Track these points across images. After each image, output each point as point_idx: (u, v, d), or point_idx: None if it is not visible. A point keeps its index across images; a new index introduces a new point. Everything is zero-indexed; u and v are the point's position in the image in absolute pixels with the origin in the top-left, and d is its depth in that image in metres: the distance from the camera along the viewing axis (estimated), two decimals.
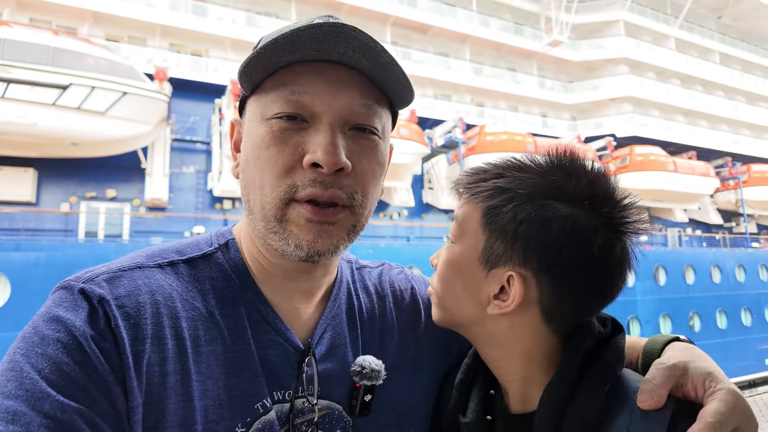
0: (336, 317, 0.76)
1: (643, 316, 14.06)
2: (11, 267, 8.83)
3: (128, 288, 0.61)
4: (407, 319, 0.84)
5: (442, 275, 0.74)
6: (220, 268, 0.70)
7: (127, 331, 0.57)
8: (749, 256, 17.50)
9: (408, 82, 0.66)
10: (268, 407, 0.65)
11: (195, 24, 15.43)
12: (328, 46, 0.60)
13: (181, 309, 0.63)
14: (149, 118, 12.46)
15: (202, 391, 0.61)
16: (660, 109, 23.50)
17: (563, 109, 22.54)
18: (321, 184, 0.61)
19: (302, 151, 0.62)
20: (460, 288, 0.72)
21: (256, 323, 0.68)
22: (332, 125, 0.62)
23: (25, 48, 10.86)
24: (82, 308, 0.56)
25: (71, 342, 0.54)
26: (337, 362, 0.73)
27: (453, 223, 0.74)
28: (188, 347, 0.62)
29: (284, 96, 0.62)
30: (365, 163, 0.66)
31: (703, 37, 25.79)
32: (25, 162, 12.24)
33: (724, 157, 24.07)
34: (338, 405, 0.71)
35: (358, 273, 0.86)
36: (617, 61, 22.62)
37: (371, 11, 17.80)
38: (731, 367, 13.85)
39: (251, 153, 0.65)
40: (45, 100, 10.87)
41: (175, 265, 0.67)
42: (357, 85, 0.64)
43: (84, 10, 14.18)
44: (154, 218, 13.35)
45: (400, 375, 0.78)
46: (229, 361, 0.64)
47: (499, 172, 0.70)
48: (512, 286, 0.66)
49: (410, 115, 16.15)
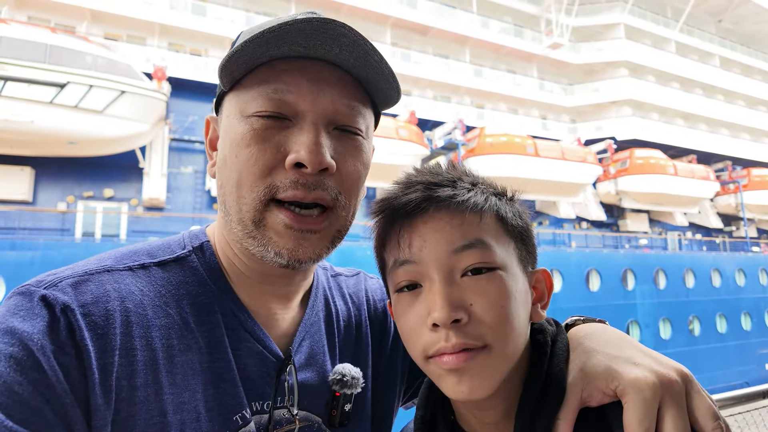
0: (314, 325, 0.74)
1: (642, 319, 14.04)
2: (7, 266, 8.76)
3: (96, 294, 0.55)
4: (379, 329, 0.82)
5: (509, 314, 0.57)
6: (194, 273, 0.66)
7: (93, 343, 0.52)
8: (749, 260, 17.50)
9: (396, 82, 0.64)
10: (248, 419, 0.62)
11: (194, 23, 15.41)
12: (314, 42, 0.58)
13: (153, 317, 0.59)
14: (147, 117, 12.41)
15: (178, 404, 0.57)
16: (660, 112, 23.53)
17: (563, 111, 22.54)
18: (304, 186, 0.59)
19: (285, 151, 0.59)
20: (523, 314, 0.60)
21: (234, 330, 0.64)
22: (316, 124, 0.60)
23: (23, 45, 10.81)
24: (40, 317, 0.50)
25: (26, 357, 0.48)
26: (316, 371, 0.70)
27: (476, 248, 0.59)
28: (160, 358, 0.57)
29: (266, 93, 0.60)
30: (350, 164, 0.64)
31: (703, 41, 25.87)
32: (21, 160, 12.17)
33: (724, 161, 24.14)
34: (317, 417, 0.68)
35: (334, 280, 0.84)
36: (617, 64, 22.66)
37: (371, 12, 17.79)
38: (731, 371, 13.82)
39: (229, 151, 0.62)
40: (42, 98, 10.82)
41: (146, 268, 0.62)
42: (341, 84, 0.62)
43: (83, 9, 14.16)
44: (151, 218, 13.29)
45: (376, 384, 0.77)
46: (205, 371, 0.60)
47: (471, 179, 0.65)
48: (540, 281, 0.66)
49: (410, 116, 16.14)
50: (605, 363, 0.58)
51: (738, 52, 27.25)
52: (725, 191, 22.96)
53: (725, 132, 25.66)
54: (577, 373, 0.59)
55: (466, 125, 17.07)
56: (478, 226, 0.60)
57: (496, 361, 0.57)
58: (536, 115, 21.90)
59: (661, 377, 0.54)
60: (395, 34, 19.20)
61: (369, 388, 0.76)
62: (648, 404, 0.52)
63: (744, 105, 26.58)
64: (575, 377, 0.58)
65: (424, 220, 0.60)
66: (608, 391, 0.55)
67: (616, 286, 14.12)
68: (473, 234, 0.59)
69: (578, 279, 13.51)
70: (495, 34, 20.61)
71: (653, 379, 0.53)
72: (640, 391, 0.53)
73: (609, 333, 0.64)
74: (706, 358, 14.47)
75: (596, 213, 19.58)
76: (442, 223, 0.60)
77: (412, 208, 0.61)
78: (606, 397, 0.56)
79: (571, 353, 0.62)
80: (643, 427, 0.51)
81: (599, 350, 0.60)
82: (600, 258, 14.46)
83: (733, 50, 27.06)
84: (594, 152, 19.25)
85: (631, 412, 0.52)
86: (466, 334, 0.56)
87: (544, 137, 19.60)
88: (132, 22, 14.84)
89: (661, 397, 0.53)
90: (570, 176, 17.70)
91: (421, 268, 0.59)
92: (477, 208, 0.60)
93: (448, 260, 0.58)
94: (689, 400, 0.54)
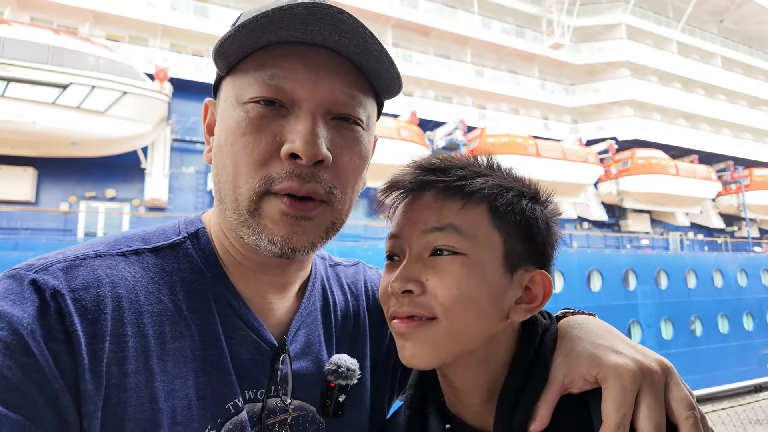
0: (311, 314, 0.73)
1: (644, 320, 14.01)
2: (9, 266, 8.73)
3: (87, 279, 0.54)
4: (378, 320, 0.81)
5: (462, 295, 0.59)
6: (189, 259, 0.65)
7: (83, 329, 0.51)
8: (751, 260, 17.45)
9: (396, 72, 0.62)
10: (240, 407, 0.61)
11: (196, 24, 15.44)
12: (312, 28, 0.56)
13: (145, 303, 0.58)
14: (149, 117, 12.44)
15: (169, 392, 0.56)
16: (662, 112, 23.48)
17: (564, 111, 22.51)
18: (298, 177, 0.57)
19: (280, 140, 0.58)
20: (486, 303, 0.61)
21: (227, 318, 0.64)
22: (313, 113, 0.58)
23: (25, 47, 10.84)
24: (30, 301, 0.50)
25: (15, 342, 0.47)
26: (311, 361, 0.70)
27: (446, 232, 0.61)
28: (151, 345, 0.56)
29: (262, 80, 0.58)
30: (346, 156, 0.62)
31: (705, 41, 25.80)
32: (24, 161, 12.21)
33: (725, 161, 24.07)
34: (311, 406, 0.68)
35: (332, 270, 0.83)
36: (619, 64, 22.62)
37: (372, 12, 17.78)
38: (732, 372, 13.77)
39: (225, 139, 0.60)
40: (45, 99, 10.85)
41: (140, 254, 0.62)
42: (341, 71, 0.60)
43: (85, 10, 14.19)
44: (153, 218, 13.29)
45: (373, 375, 0.77)
46: (198, 359, 0.59)
47: (480, 170, 0.66)
48: (536, 283, 0.65)
49: (411, 116, 16.14)
50: (589, 350, 0.59)
51: (740, 52, 27.17)
52: (727, 191, 22.90)
53: (727, 132, 25.59)
54: (561, 360, 0.60)
55: (467, 125, 17.07)
56: (457, 213, 0.62)
57: (441, 336, 0.60)
58: (537, 115, 21.88)
59: (641, 366, 0.55)
60: (396, 34, 19.20)
61: (367, 378, 0.75)
62: (626, 392, 0.53)
63: (746, 105, 26.50)
64: (559, 363, 0.60)
65: (411, 200, 0.66)
66: (589, 378, 0.57)
67: (618, 287, 14.10)
68: (447, 219, 0.62)
69: (579, 279, 13.49)
70: (496, 34, 20.60)
71: (633, 368, 0.54)
72: (620, 378, 0.54)
73: (596, 324, 0.65)
74: (708, 358, 14.44)
75: (598, 213, 19.55)
76: (423, 205, 0.64)
77: (408, 188, 0.66)
78: (587, 383, 0.57)
79: (558, 342, 0.64)
80: (620, 413, 0.52)
81: (585, 339, 0.61)
82: (601, 258, 14.43)
83: (735, 50, 26.98)
84: (595, 152, 19.23)
85: (609, 398, 0.54)
86: (416, 304, 0.60)
87: (545, 137, 19.58)
88: (134, 23, 14.87)
89: (639, 386, 0.54)
90: (571, 176, 17.68)
91: (401, 242, 0.65)
92: (460, 195, 0.62)
93: (419, 239, 0.63)
94: (667, 391, 0.55)
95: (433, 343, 0.60)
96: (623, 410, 0.52)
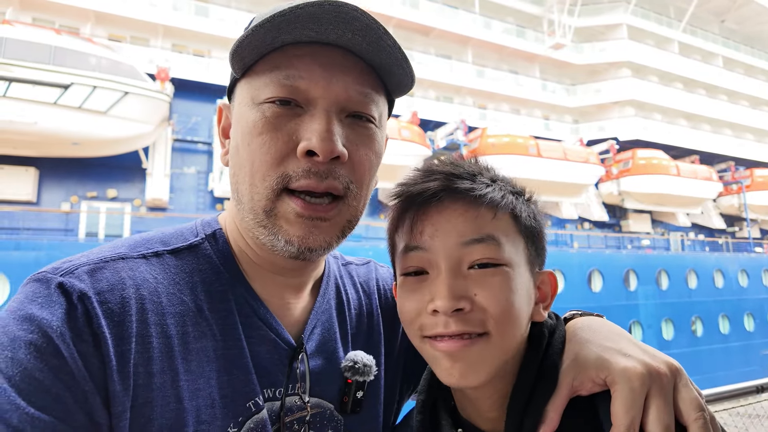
0: (325, 312, 0.74)
1: (645, 320, 14.00)
2: (11, 266, 8.79)
3: (111, 281, 0.55)
4: (391, 318, 0.82)
5: (510, 306, 0.58)
6: (208, 260, 0.66)
7: (110, 330, 0.52)
8: (752, 260, 17.42)
9: (409, 68, 0.63)
10: (260, 405, 0.62)
11: (197, 24, 15.43)
12: (326, 27, 0.57)
13: (168, 304, 0.59)
14: (150, 118, 12.44)
15: (193, 391, 0.57)
16: (663, 112, 23.45)
17: (565, 112, 22.49)
18: (316, 174, 0.58)
19: (296, 139, 0.58)
20: (525, 311, 0.62)
21: (247, 318, 0.65)
22: (328, 111, 0.59)
23: (27, 47, 10.85)
24: (58, 305, 0.50)
25: (46, 344, 0.48)
26: (328, 358, 0.70)
27: (486, 243, 0.59)
28: (175, 345, 0.57)
29: (278, 80, 0.59)
30: (362, 152, 0.62)
31: (707, 41, 25.76)
32: (26, 161, 12.22)
33: (726, 162, 24.03)
34: (329, 404, 0.69)
35: (345, 269, 0.84)
36: (620, 64, 22.59)
37: (373, 12, 17.66)
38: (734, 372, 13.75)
39: (241, 139, 0.61)
40: (46, 99, 10.85)
41: (160, 256, 0.63)
42: (354, 70, 0.61)
43: (86, 10, 14.19)
44: (154, 218, 13.30)
45: (387, 373, 0.78)
46: (219, 358, 0.60)
47: (491, 175, 0.66)
48: (545, 283, 0.66)
49: (412, 116, 16.13)
50: (597, 353, 0.59)
51: (741, 52, 27.12)
52: (728, 192, 22.86)
53: (728, 132, 25.54)
54: (570, 363, 0.60)
55: (468, 126, 17.05)
56: (491, 222, 0.60)
57: (492, 351, 0.59)
58: (538, 115, 21.86)
59: (650, 369, 0.55)
60: (397, 34, 19.09)
61: (381, 376, 0.76)
62: (636, 394, 0.53)
63: (747, 105, 26.45)
64: (567, 366, 0.60)
65: (439, 209, 0.61)
66: (598, 380, 0.57)
67: (619, 287, 14.09)
68: (485, 229, 0.60)
69: (580, 280, 13.48)
70: (497, 34, 20.58)
71: (642, 370, 0.55)
72: (629, 381, 0.54)
73: (604, 326, 0.65)
74: (709, 359, 14.42)
75: (598, 213, 19.53)
76: (456, 214, 0.60)
77: (429, 196, 0.61)
78: (596, 386, 0.57)
79: (566, 344, 0.64)
80: (629, 416, 0.52)
81: (593, 341, 0.61)
82: (602, 258, 14.42)
83: (737, 50, 26.94)
84: (596, 153, 19.20)
85: (618, 401, 0.54)
86: (467, 322, 0.58)
87: (546, 138, 19.56)
88: (135, 24, 14.88)
89: (648, 388, 0.54)
90: (572, 177, 17.66)
91: (430, 255, 0.60)
92: (493, 204, 0.61)
93: (457, 251, 0.59)
94: (676, 393, 0.55)
95: (485, 360, 0.58)
96: (632, 413, 0.53)
